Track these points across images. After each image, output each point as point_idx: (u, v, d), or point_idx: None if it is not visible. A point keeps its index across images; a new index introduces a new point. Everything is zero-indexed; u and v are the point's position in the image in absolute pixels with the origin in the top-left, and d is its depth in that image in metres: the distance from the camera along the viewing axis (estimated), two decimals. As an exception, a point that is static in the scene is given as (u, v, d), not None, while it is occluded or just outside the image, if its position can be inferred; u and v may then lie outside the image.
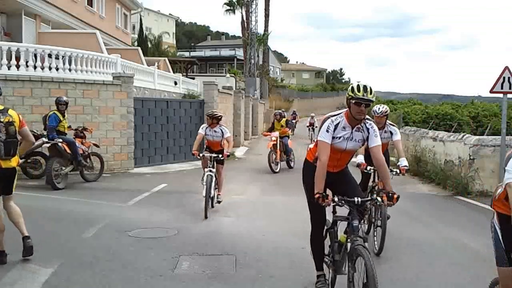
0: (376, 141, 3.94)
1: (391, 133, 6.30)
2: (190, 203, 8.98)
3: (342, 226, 4.13)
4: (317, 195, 3.69)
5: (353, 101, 3.78)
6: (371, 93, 3.74)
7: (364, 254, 3.51)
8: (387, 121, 6.34)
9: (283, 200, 9.50)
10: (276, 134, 13.96)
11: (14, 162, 4.99)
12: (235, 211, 8.26)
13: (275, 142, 13.79)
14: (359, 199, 3.79)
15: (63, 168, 9.86)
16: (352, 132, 3.98)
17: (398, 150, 6.31)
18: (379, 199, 3.80)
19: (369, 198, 4.05)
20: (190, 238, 6.21)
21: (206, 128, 8.20)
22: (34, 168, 10.75)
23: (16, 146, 5.00)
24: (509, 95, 10.42)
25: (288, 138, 14.52)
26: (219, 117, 8.16)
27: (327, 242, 4.36)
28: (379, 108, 6.19)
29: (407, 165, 6.09)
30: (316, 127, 26.18)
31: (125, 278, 4.70)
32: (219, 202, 8.26)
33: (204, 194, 7.50)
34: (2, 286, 4.33)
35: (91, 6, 23.26)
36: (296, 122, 31.00)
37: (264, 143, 21.52)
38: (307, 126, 27.27)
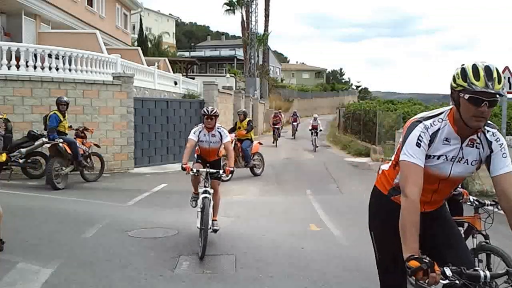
0: (505, 164, 2.28)
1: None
2: (190, 203, 8.99)
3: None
4: (413, 263, 1.97)
5: (467, 96, 2.17)
6: (499, 82, 2.13)
7: None
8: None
9: (283, 200, 9.51)
10: (231, 136, 12.67)
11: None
12: (235, 211, 8.26)
13: None
14: (488, 274, 2.05)
15: (63, 168, 9.86)
16: (461, 148, 2.36)
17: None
18: None
19: (504, 271, 2.19)
20: (190, 238, 6.21)
21: (200, 132, 6.21)
22: (34, 168, 10.75)
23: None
24: (509, 95, 10.42)
25: (251, 141, 12.69)
26: (217, 115, 6.29)
27: None
28: None
29: None
30: (321, 130, 23.60)
31: (125, 278, 4.70)
32: (215, 231, 5.96)
33: (198, 225, 5.47)
34: (2, 286, 4.33)
35: (91, 6, 23.26)
36: (298, 124, 30.32)
37: (265, 143, 21.33)
38: (310, 130, 22.95)
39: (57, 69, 13.10)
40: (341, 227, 7.13)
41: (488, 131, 2.36)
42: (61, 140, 9.80)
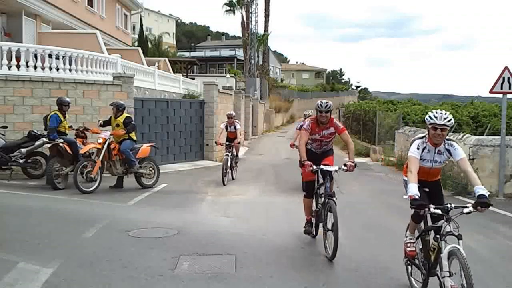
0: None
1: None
2: (190, 203, 9.00)
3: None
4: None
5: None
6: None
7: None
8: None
9: (283, 200, 9.51)
10: (105, 134, 9.80)
11: None
12: (235, 211, 8.27)
13: (98, 146, 9.66)
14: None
15: (64, 168, 9.87)
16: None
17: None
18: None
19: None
20: (190, 238, 6.22)
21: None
22: (35, 168, 10.76)
23: None
24: (509, 95, 10.43)
25: (135, 142, 10.18)
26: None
27: None
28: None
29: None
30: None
31: (125, 278, 4.71)
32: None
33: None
34: (2, 286, 4.34)
35: (91, 6, 23.26)
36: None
37: (266, 142, 21.35)
38: None
39: (57, 69, 13.09)
40: (341, 227, 7.12)
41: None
42: (62, 140, 9.81)
